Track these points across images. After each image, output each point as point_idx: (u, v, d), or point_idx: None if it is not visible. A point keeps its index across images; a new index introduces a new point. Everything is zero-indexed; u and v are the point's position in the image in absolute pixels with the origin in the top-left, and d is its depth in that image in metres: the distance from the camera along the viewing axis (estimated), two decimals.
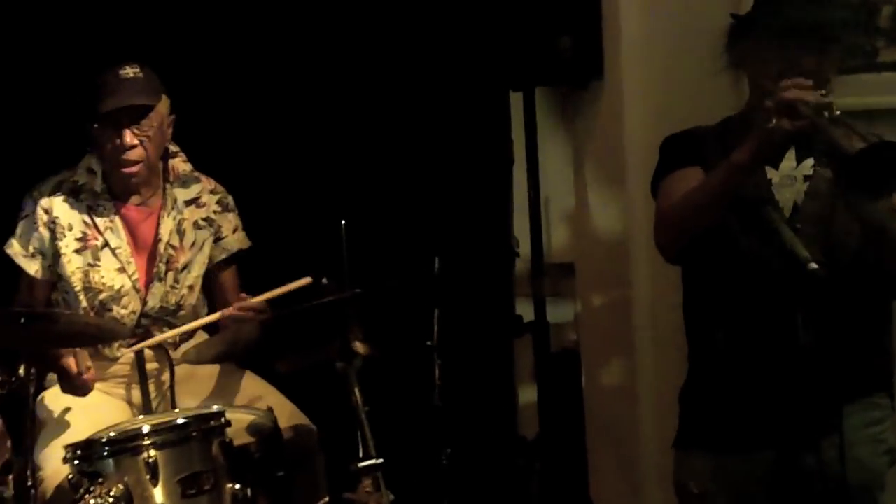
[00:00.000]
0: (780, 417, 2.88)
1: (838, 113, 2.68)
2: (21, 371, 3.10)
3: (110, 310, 3.55)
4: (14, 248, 3.58)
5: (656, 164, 3.10)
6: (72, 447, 3.00)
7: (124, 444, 2.95)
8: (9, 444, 3.17)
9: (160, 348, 3.60)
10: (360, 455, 3.09)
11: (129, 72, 3.49)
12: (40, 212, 3.55)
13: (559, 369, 4.37)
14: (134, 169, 3.51)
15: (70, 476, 2.95)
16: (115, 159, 3.50)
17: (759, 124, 2.77)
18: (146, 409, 3.53)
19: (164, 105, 3.55)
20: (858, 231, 2.86)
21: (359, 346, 3.14)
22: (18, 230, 3.58)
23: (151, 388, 3.58)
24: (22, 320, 3.05)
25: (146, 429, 2.98)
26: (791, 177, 2.94)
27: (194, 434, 3.00)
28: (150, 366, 3.59)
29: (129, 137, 3.46)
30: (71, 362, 3.36)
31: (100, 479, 2.86)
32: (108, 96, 3.46)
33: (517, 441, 4.45)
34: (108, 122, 3.48)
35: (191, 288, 3.64)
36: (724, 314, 2.96)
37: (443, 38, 4.36)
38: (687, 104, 3.67)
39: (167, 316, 3.62)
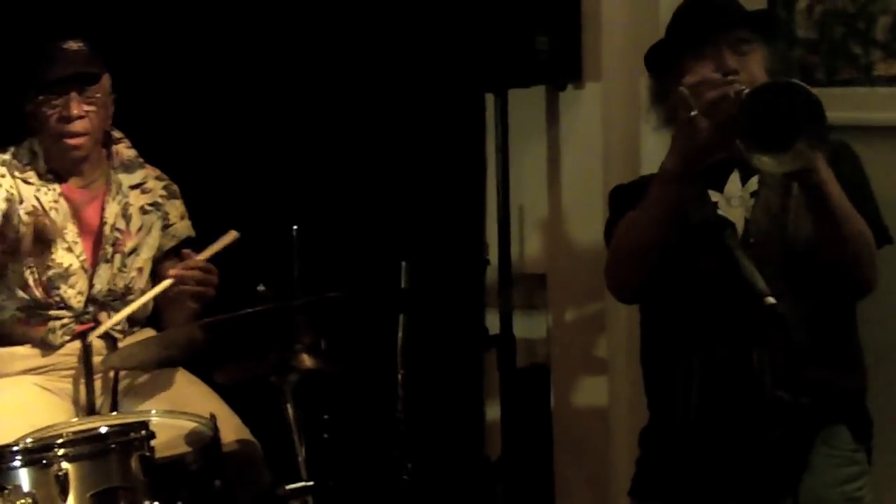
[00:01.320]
0: (740, 472, 2.74)
1: (746, 90, 2.59)
2: None
3: (58, 287, 3.46)
4: None
5: (608, 215, 3.04)
6: None
7: (35, 455, 2.78)
8: None
9: (109, 340, 3.51)
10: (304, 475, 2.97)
11: (73, 45, 3.46)
12: None
13: (527, 386, 4.25)
14: (79, 140, 3.45)
15: None
16: (59, 131, 3.44)
17: (678, 119, 2.67)
18: (90, 408, 3.43)
19: (107, 81, 3.52)
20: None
21: (305, 359, 3.00)
22: None
23: (98, 384, 3.47)
24: None
25: (59, 439, 2.82)
26: (738, 197, 2.87)
27: (112, 447, 2.83)
28: (98, 359, 3.47)
29: (75, 107, 3.41)
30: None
31: (5, 490, 2.71)
32: (53, 65, 3.42)
33: (481, 460, 4.34)
34: (53, 90, 3.42)
35: (139, 270, 3.58)
36: (680, 354, 2.82)
37: (414, 35, 4.23)
38: None
39: (115, 300, 3.53)
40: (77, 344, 3.48)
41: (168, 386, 3.52)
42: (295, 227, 3.24)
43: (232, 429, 3.37)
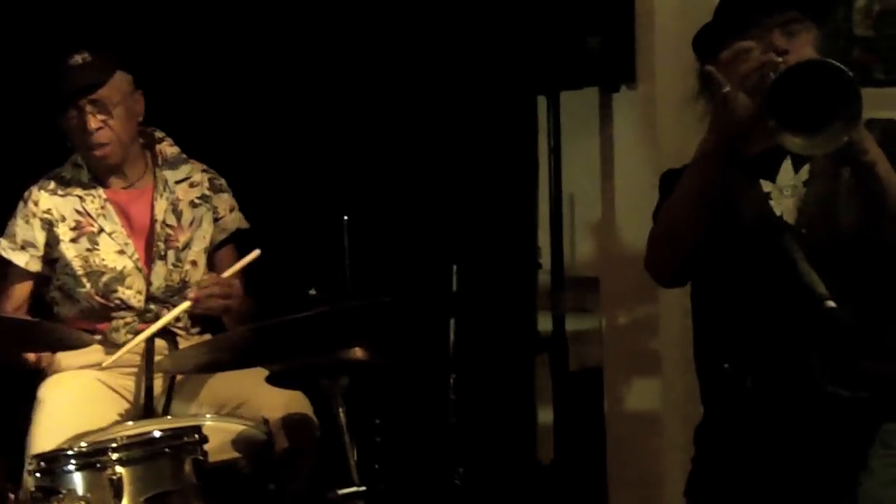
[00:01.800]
0: (797, 473, 2.68)
1: (780, 61, 2.53)
2: None
3: (115, 291, 3.53)
4: (1, 244, 3.60)
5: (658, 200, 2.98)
6: (36, 458, 2.91)
7: (89, 459, 2.82)
8: None
9: (170, 339, 3.55)
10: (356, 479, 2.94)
11: (77, 59, 3.54)
12: (31, 206, 3.60)
13: (580, 389, 4.21)
14: (105, 151, 3.55)
15: (32, 489, 2.86)
16: (84, 143, 3.55)
17: (714, 97, 2.62)
18: (147, 407, 3.45)
19: (122, 81, 3.57)
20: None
21: (357, 352, 2.98)
22: (8, 230, 3.62)
23: (159, 382, 3.50)
24: None
25: (113, 443, 2.86)
26: (790, 186, 2.79)
27: (165, 451, 2.86)
28: (158, 358, 3.48)
29: (91, 120, 3.50)
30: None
31: (60, 494, 2.75)
32: (60, 81, 3.52)
33: (533, 464, 4.32)
34: (67, 107, 3.51)
35: (194, 264, 3.63)
36: (733, 354, 2.77)
37: (466, 37, 4.23)
38: None
39: (174, 296, 3.57)
40: (141, 342, 3.49)
41: (219, 382, 3.50)
42: (345, 217, 3.22)
43: (282, 404, 3.34)
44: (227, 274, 3.50)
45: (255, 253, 3.48)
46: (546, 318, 4.23)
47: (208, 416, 3.23)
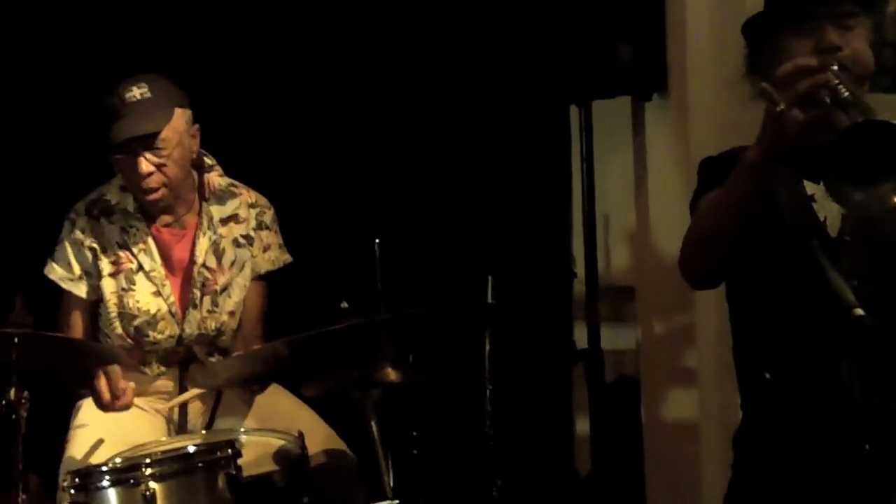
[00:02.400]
0: (833, 486, 2.62)
1: (847, 94, 2.40)
2: (12, 394, 2.99)
3: (146, 335, 3.47)
4: (57, 272, 3.51)
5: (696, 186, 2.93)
6: (71, 474, 2.90)
7: (123, 475, 2.83)
8: None
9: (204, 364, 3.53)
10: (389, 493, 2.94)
11: (136, 93, 3.35)
12: (78, 233, 3.48)
13: (617, 399, 4.21)
14: (156, 196, 3.41)
15: None
16: (136, 185, 3.41)
17: (766, 112, 2.53)
18: (181, 428, 3.45)
19: (180, 119, 3.41)
20: None
21: (389, 373, 2.97)
22: (59, 253, 3.51)
23: (196, 403, 3.49)
24: (15, 340, 2.98)
25: (147, 459, 2.87)
26: None
27: (199, 465, 2.86)
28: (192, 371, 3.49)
29: (144, 166, 3.35)
30: (102, 386, 3.27)
31: None
32: (114, 124, 3.35)
33: (571, 475, 4.31)
34: (122, 150, 3.37)
35: (231, 314, 3.55)
36: (771, 356, 2.73)
37: (498, 48, 4.22)
38: (758, 117, 3.49)
39: (207, 342, 3.54)
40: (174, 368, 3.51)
41: (259, 401, 3.51)
42: (377, 240, 3.18)
43: (322, 439, 3.37)
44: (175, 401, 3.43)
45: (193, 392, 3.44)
46: (582, 329, 4.22)
47: (242, 430, 3.21)
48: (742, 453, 2.87)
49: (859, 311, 2.40)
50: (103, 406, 3.30)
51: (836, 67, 2.50)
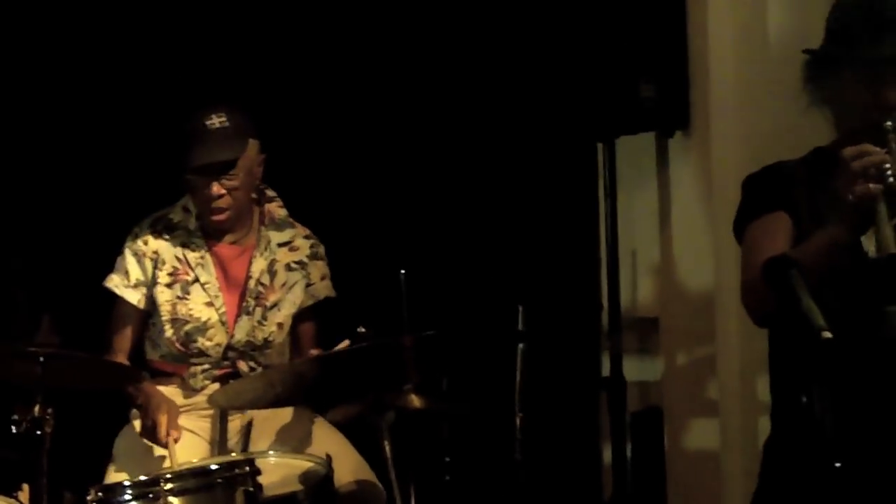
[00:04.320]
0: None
1: (892, 179, 2.51)
2: (36, 411, 3.08)
3: (195, 341, 3.61)
4: (114, 280, 3.67)
5: (739, 203, 2.96)
6: (94, 489, 3.01)
7: (144, 489, 2.93)
8: None
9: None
10: None
11: (216, 121, 3.55)
12: (140, 245, 3.65)
13: (642, 428, 4.25)
14: (222, 217, 3.59)
15: None
16: (205, 207, 3.59)
17: (843, 195, 2.60)
18: (221, 447, 3.54)
19: (253, 149, 3.60)
20: None
21: (413, 399, 3.04)
22: (119, 263, 3.67)
23: (235, 424, 3.59)
24: (41, 359, 3.08)
25: (167, 474, 2.95)
26: None
27: (218, 481, 2.96)
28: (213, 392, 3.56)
29: (216, 189, 3.53)
30: (163, 421, 3.40)
31: None
32: (195, 148, 3.53)
33: (599, 503, 4.34)
34: (197, 173, 3.55)
35: (280, 326, 3.67)
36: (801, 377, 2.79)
37: (527, 87, 4.31)
38: (780, 154, 3.53)
39: (253, 350, 3.64)
40: (217, 386, 3.59)
41: (294, 426, 3.59)
42: (402, 271, 3.27)
43: (352, 468, 3.46)
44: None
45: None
46: (607, 359, 4.24)
47: (272, 452, 3.27)
48: (770, 463, 2.93)
49: (827, 335, 2.44)
50: (154, 437, 3.41)
51: (890, 124, 2.59)
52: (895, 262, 2.51)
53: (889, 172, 2.55)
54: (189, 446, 3.52)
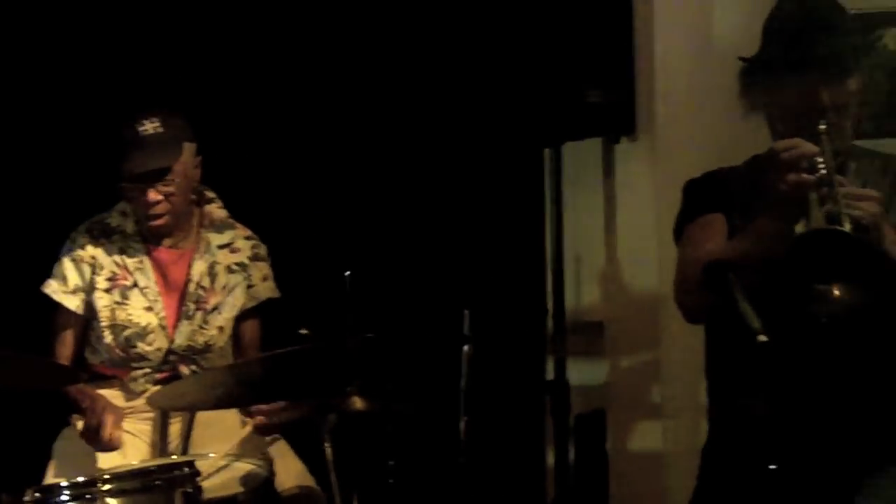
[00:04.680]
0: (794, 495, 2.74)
1: (824, 171, 2.60)
2: None
3: (135, 346, 3.59)
4: (52, 286, 3.63)
5: (680, 208, 3.02)
6: (32, 490, 2.95)
7: (82, 490, 2.89)
8: None
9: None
10: None
11: (149, 127, 3.51)
12: (78, 250, 3.62)
13: (587, 431, 4.26)
14: (160, 221, 3.57)
15: None
16: (142, 214, 3.57)
17: (775, 186, 2.66)
18: (162, 450, 3.53)
19: (188, 153, 3.57)
20: None
21: (356, 402, 3.04)
22: (57, 269, 3.63)
23: (176, 428, 3.57)
24: None
25: (105, 475, 2.93)
26: None
27: (157, 483, 2.92)
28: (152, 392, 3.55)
29: (152, 196, 3.51)
30: (109, 422, 3.39)
31: None
32: (129, 156, 3.50)
33: None
34: (133, 181, 3.52)
35: (220, 329, 3.66)
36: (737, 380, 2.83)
37: (474, 92, 4.30)
38: (725, 160, 3.57)
39: (195, 355, 3.63)
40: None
41: (236, 429, 3.56)
42: (347, 272, 3.29)
43: (293, 471, 3.46)
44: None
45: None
46: (551, 362, 4.24)
47: (212, 454, 3.26)
48: (707, 465, 2.96)
49: (763, 338, 2.47)
50: (96, 439, 3.40)
51: (823, 126, 2.63)
52: (820, 236, 2.56)
53: (821, 165, 2.60)
54: (130, 449, 3.51)
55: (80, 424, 3.50)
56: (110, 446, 3.42)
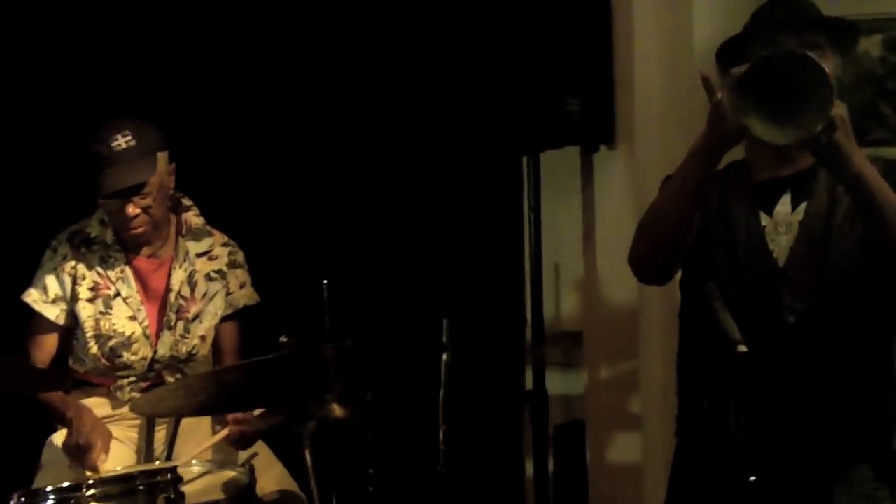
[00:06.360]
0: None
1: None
2: None
3: (120, 356, 3.58)
4: (33, 295, 3.61)
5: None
6: (20, 494, 2.97)
7: (66, 495, 2.91)
8: None
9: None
10: None
11: (122, 142, 3.48)
12: (59, 259, 3.61)
13: (566, 441, 4.27)
14: (139, 231, 3.56)
15: None
16: (122, 226, 3.56)
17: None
18: (148, 456, 3.53)
19: (162, 162, 3.54)
20: (858, 260, 2.76)
21: (336, 409, 3.04)
22: (37, 279, 3.62)
23: (161, 434, 3.58)
24: None
25: (89, 480, 2.95)
26: (786, 223, 2.86)
27: (140, 488, 2.94)
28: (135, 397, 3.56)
29: (131, 210, 3.49)
30: (99, 443, 3.38)
31: None
32: (104, 173, 3.46)
33: None
34: (109, 197, 3.50)
35: (202, 338, 3.66)
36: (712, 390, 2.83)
37: (453, 101, 4.32)
38: None
39: (179, 363, 3.64)
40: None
41: (209, 437, 3.56)
42: (325, 280, 3.29)
43: (274, 478, 3.46)
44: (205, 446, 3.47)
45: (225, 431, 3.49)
46: (530, 372, 4.26)
47: (194, 460, 3.26)
48: (676, 472, 2.98)
49: (743, 348, 2.48)
50: (78, 456, 3.38)
51: None
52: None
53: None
54: (116, 455, 3.50)
55: (61, 436, 3.49)
56: (92, 468, 3.39)
